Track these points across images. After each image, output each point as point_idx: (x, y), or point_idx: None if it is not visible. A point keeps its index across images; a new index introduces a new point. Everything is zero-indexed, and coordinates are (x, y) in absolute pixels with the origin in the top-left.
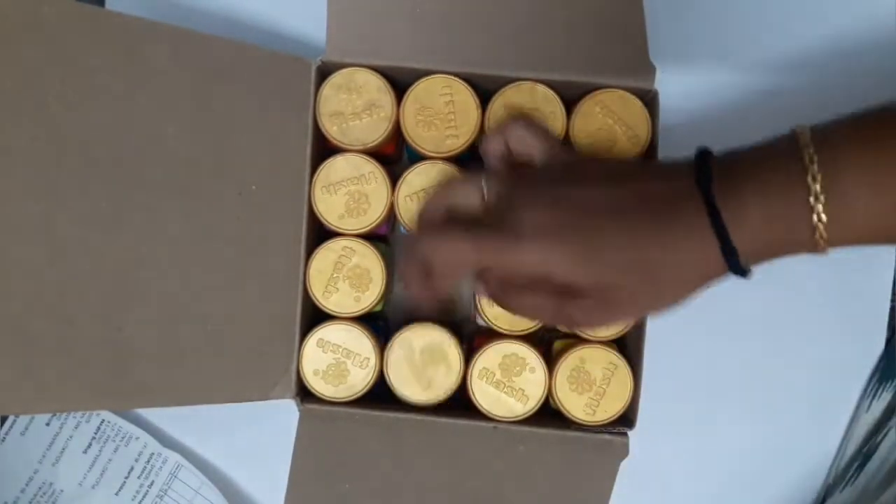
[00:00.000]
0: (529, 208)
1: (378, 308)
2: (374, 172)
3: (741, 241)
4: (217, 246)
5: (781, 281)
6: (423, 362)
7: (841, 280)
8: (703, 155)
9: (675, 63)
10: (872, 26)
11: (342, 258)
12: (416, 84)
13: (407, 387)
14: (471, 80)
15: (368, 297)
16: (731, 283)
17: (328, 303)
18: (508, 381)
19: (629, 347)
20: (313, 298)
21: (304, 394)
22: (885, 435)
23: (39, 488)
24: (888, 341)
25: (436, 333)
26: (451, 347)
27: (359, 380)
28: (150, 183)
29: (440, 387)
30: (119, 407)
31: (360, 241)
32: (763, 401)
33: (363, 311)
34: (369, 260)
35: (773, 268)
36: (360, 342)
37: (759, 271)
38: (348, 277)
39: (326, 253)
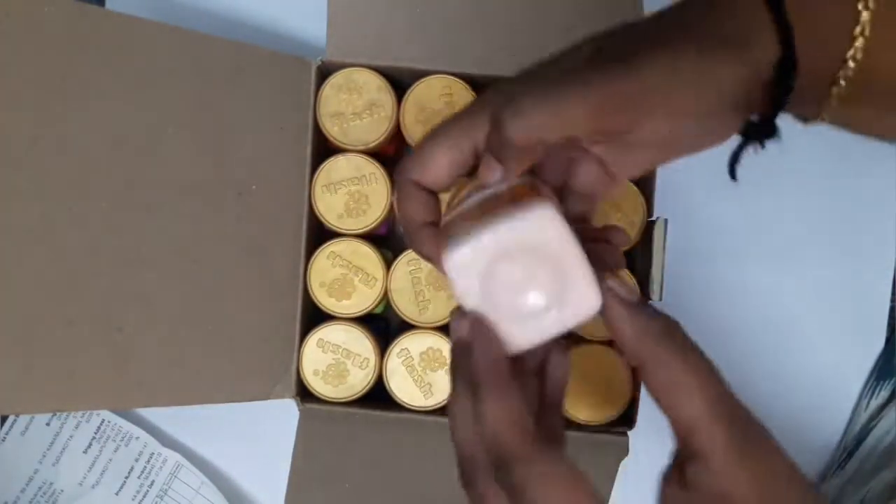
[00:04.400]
0: None
1: (378, 310)
2: (374, 173)
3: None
4: (217, 246)
5: (782, 281)
6: (422, 368)
7: (841, 280)
8: None
9: None
10: None
11: (343, 259)
12: (416, 84)
13: (407, 393)
14: (471, 80)
15: (369, 298)
16: (731, 283)
17: (328, 303)
18: None
19: None
20: (314, 299)
21: (304, 394)
22: (877, 424)
23: (39, 488)
24: (888, 341)
25: (435, 338)
26: (450, 351)
27: (358, 380)
28: (150, 183)
29: (440, 392)
30: (119, 407)
31: (360, 241)
32: (763, 400)
33: (363, 313)
34: (369, 261)
35: (774, 268)
36: (360, 343)
37: (760, 271)
38: (349, 279)
39: (327, 253)
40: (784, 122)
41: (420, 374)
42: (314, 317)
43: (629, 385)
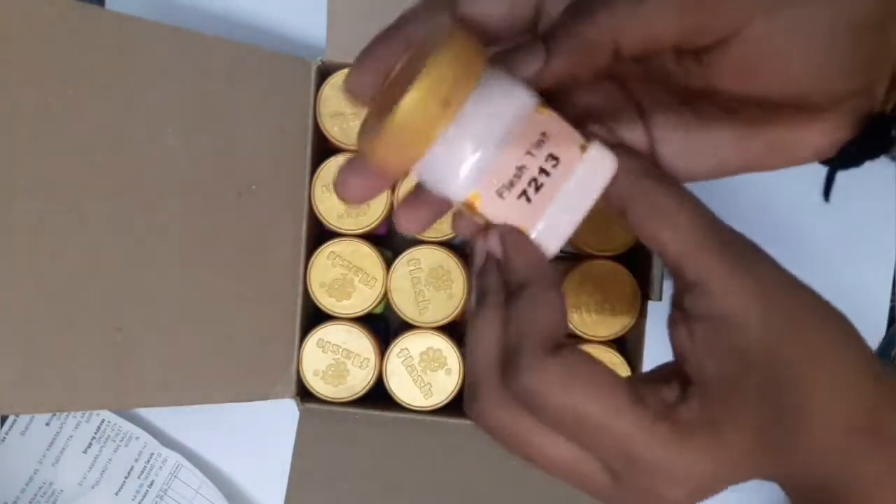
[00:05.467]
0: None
1: (378, 310)
2: None
3: None
4: (217, 246)
5: None
6: (422, 368)
7: (841, 280)
8: None
9: None
10: None
11: (343, 259)
12: None
13: (407, 393)
14: None
15: (369, 298)
16: None
17: (328, 303)
18: None
19: (629, 347)
20: (314, 299)
21: (304, 394)
22: None
23: (40, 488)
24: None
25: (435, 338)
26: (450, 352)
27: (358, 380)
28: (150, 183)
29: (440, 392)
30: (119, 407)
31: (360, 241)
32: None
33: (363, 312)
34: (369, 261)
35: None
36: (360, 342)
37: None
38: (349, 279)
39: (327, 253)
40: None
41: (420, 374)
42: (314, 317)
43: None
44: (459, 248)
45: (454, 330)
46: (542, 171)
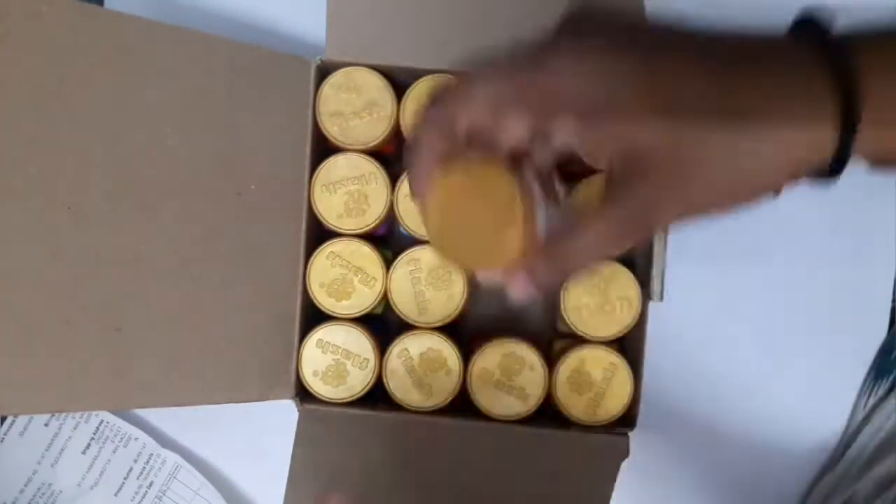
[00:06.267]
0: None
1: (378, 310)
2: (374, 173)
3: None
4: (217, 246)
5: (782, 281)
6: (422, 369)
7: (841, 280)
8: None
9: None
10: None
11: (342, 259)
12: (415, 84)
13: (407, 394)
14: None
15: (368, 298)
16: (732, 282)
17: (328, 304)
18: (508, 380)
19: (629, 347)
20: (313, 299)
21: (304, 394)
22: (868, 422)
23: (38, 489)
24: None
25: (434, 339)
26: (449, 352)
27: (358, 381)
28: (150, 183)
29: (440, 392)
30: (118, 407)
31: (360, 241)
32: (763, 400)
33: (363, 313)
34: (369, 261)
35: (773, 268)
36: (360, 343)
37: (760, 271)
38: (349, 279)
39: (327, 253)
40: None
41: (420, 374)
42: (313, 317)
43: (629, 385)
44: None
45: (454, 330)
46: None
